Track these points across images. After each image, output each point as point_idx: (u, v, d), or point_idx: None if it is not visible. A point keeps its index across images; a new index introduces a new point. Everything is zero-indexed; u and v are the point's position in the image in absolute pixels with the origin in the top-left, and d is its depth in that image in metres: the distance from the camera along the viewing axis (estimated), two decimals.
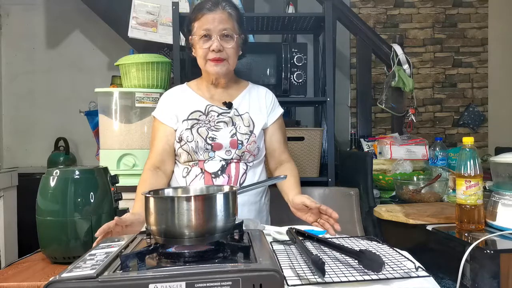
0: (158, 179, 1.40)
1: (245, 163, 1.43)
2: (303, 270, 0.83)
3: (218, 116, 1.44)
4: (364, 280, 0.78)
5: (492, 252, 1.15)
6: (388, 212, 1.60)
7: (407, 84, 2.41)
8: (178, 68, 1.98)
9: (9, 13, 3.52)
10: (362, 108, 2.61)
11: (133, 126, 1.90)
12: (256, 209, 1.46)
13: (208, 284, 0.67)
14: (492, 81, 3.68)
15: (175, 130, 1.44)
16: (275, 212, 1.48)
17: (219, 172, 1.39)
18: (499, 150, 2.47)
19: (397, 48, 2.49)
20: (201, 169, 1.40)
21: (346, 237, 1.12)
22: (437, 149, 2.25)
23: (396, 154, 2.23)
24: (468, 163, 1.30)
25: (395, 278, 0.79)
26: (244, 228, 0.95)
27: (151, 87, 1.96)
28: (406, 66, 2.47)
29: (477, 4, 3.67)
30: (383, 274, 0.80)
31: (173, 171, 1.48)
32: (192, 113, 1.44)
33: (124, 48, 2.64)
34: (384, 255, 0.92)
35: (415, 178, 1.98)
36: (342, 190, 1.77)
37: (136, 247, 0.88)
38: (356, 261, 0.83)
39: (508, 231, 1.26)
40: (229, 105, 1.45)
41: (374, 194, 1.91)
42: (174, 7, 1.97)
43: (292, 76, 2.05)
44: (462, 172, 1.30)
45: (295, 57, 2.04)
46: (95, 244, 0.96)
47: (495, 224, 1.32)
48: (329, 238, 1.09)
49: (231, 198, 0.86)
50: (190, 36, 1.44)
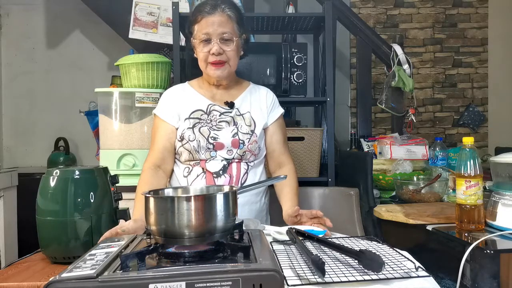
0: (159, 180, 1.40)
1: (246, 163, 1.43)
2: (303, 270, 0.83)
3: (220, 116, 1.44)
4: (364, 280, 0.78)
5: (492, 252, 1.15)
6: (388, 212, 1.60)
7: (407, 84, 2.41)
8: (178, 68, 1.98)
9: (9, 13, 3.52)
10: (362, 108, 2.61)
11: (133, 126, 1.90)
12: (257, 209, 1.46)
13: (208, 284, 0.68)
14: (492, 81, 3.68)
15: (177, 129, 1.44)
16: (275, 212, 1.48)
17: (221, 172, 1.39)
18: (499, 150, 2.48)
19: (397, 48, 2.49)
20: (203, 169, 1.40)
21: (346, 237, 1.12)
22: (437, 149, 2.25)
23: (396, 154, 2.23)
24: (468, 163, 1.30)
25: (395, 278, 0.79)
26: (244, 228, 0.95)
27: (151, 87, 1.97)
28: (406, 66, 2.47)
29: (477, 4, 3.66)
30: (383, 274, 0.80)
31: (173, 170, 1.48)
32: (194, 112, 1.44)
33: (124, 48, 2.64)
34: (384, 255, 0.92)
35: (415, 178, 1.98)
36: (342, 190, 1.77)
37: (136, 247, 0.88)
38: (356, 261, 0.83)
39: (508, 231, 1.26)
40: (231, 105, 1.46)
41: (374, 194, 1.91)
42: (174, 7, 1.97)
43: (292, 76, 2.05)
44: (462, 172, 1.30)
45: (295, 57, 2.04)
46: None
47: (495, 224, 1.32)
48: (329, 238, 1.09)
49: (231, 198, 0.86)
50: (192, 39, 1.45)
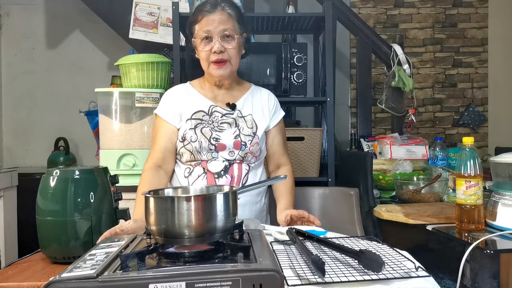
0: (160, 180, 1.40)
1: (247, 164, 1.43)
2: (303, 270, 0.83)
3: (222, 117, 1.44)
4: (364, 280, 0.78)
5: (492, 252, 1.15)
6: (388, 212, 1.60)
7: (407, 84, 2.41)
8: (178, 68, 1.98)
9: (9, 13, 3.52)
10: (362, 108, 2.61)
11: (133, 126, 1.90)
12: (257, 210, 1.46)
13: (208, 284, 0.67)
14: (492, 81, 3.68)
15: (178, 129, 1.44)
16: (275, 212, 1.48)
17: (222, 173, 1.39)
18: (499, 150, 2.47)
19: (397, 48, 2.49)
20: (204, 169, 1.40)
21: (346, 237, 1.12)
22: (437, 149, 2.24)
23: (396, 154, 2.23)
24: (468, 163, 1.30)
25: (395, 278, 0.79)
26: (244, 228, 0.95)
27: (151, 87, 1.96)
28: (406, 66, 2.47)
29: (477, 4, 3.66)
30: (383, 274, 0.79)
31: (174, 171, 1.48)
32: (196, 113, 1.44)
33: (124, 48, 2.64)
34: (384, 255, 0.92)
35: (415, 178, 1.98)
36: (342, 190, 1.77)
37: (136, 247, 0.88)
38: (356, 261, 0.83)
39: (508, 231, 1.26)
40: (233, 107, 1.45)
41: (374, 194, 1.91)
42: (174, 7, 1.97)
43: (292, 76, 2.05)
44: (462, 172, 1.30)
45: (295, 57, 2.04)
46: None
47: (495, 224, 1.32)
48: (329, 238, 1.09)
49: (231, 198, 0.86)
50: (193, 39, 1.44)
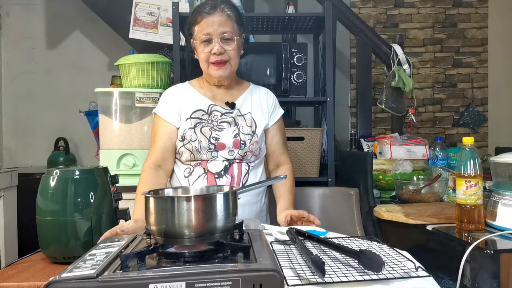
0: (159, 179, 1.40)
1: (247, 164, 1.43)
2: (303, 270, 0.83)
3: (221, 116, 1.44)
4: (364, 280, 0.78)
5: (492, 252, 1.15)
6: (388, 212, 1.60)
7: (407, 84, 2.41)
8: (178, 68, 1.98)
9: (9, 13, 3.52)
10: (362, 108, 2.61)
11: (133, 126, 1.90)
12: (257, 209, 1.47)
13: (208, 284, 0.67)
14: (492, 81, 3.68)
15: (177, 128, 1.44)
16: (275, 212, 1.48)
17: (222, 172, 1.39)
18: (499, 150, 2.47)
19: (397, 48, 2.49)
20: (204, 169, 1.40)
21: (346, 237, 1.12)
22: (437, 149, 2.24)
23: (396, 154, 2.23)
24: (468, 163, 1.30)
25: (395, 278, 0.79)
26: (244, 228, 0.95)
27: (151, 87, 1.96)
28: (406, 66, 2.47)
29: (477, 4, 3.66)
30: (383, 274, 0.79)
31: (173, 170, 1.48)
32: (195, 112, 1.44)
33: (124, 48, 2.64)
34: (384, 255, 0.92)
35: (415, 178, 1.98)
36: (342, 190, 1.77)
37: (136, 247, 0.88)
38: (356, 261, 0.83)
39: (508, 231, 1.26)
40: (232, 106, 1.46)
41: (374, 194, 1.91)
42: (174, 7, 1.97)
43: (292, 76, 2.05)
44: (462, 172, 1.30)
45: (295, 57, 2.04)
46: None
47: (495, 224, 1.32)
48: (329, 238, 1.09)
49: (231, 198, 0.86)
50: (192, 40, 1.45)
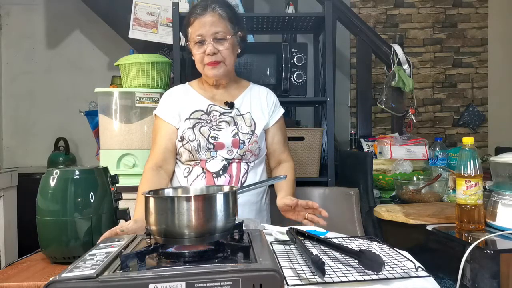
0: (161, 180, 1.40)
1: (247, 163, 1.43)
2: (303, 270, 0.83)
3: (220, 116, 1.44)
4: (364, 280, 0.78)
5: (492, 252, 1.15)
6: (388, 212, 1.60)
7: (407, 84, 2.41)
8: (178, 68, 1.99)
9: (9, 13, 3.52)
10: (362, 108, 2.61)
11: (133, 126, 1.90)
12: (257, 209, 1.46)
13: (208, 284, 0.67)
14: (492, 81, 3.68)
15: (177, 129, 1.44)
16: (275, 212, 1.48)
17: (221, 172, 1.39)
18: (499, 150, 2.47)
19: (397, 48, 2.49)
20: (203, 169, 1.40)
21: (346, 237, 1.12)
22: (437, 149, 2.24)
23: (396, 154, 2.23)
24: (468, 163, 1.30)
25: (395, 278, 0.79)
26: (244, 228, 0.95)
27: (151, 87, 1.96)
28: (406, 66, 2.47)
29: (477, 4, 3.66)
30: (383, 274, 0.79)
31: (174, 171, 1.48)
32: (194, 112, 1.45)
33: (124, 48, 2.64)
34: (384, 255, 0.92)
35: (415, 178, 1.98)
36: (342, 190, 1.77)
37: (136, 247, 0.88)
38: (356, 261, 0.83)
39: (508, 231, 1.26)
40: (231, 105, 1.46)
41: (374, 194, 1.91)
42: (174, 7, 1.97)
43: (292, 76, 2.05)
44: (462, 172, 1.30)
45: (295, 57, 2.04)
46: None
47: (495, 224, 1.32)
48: (329, 238, 1.09)
49: (231, 198, 0.86)
50: (188, 42, 1.45)
